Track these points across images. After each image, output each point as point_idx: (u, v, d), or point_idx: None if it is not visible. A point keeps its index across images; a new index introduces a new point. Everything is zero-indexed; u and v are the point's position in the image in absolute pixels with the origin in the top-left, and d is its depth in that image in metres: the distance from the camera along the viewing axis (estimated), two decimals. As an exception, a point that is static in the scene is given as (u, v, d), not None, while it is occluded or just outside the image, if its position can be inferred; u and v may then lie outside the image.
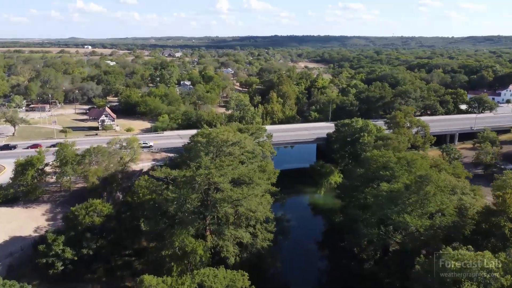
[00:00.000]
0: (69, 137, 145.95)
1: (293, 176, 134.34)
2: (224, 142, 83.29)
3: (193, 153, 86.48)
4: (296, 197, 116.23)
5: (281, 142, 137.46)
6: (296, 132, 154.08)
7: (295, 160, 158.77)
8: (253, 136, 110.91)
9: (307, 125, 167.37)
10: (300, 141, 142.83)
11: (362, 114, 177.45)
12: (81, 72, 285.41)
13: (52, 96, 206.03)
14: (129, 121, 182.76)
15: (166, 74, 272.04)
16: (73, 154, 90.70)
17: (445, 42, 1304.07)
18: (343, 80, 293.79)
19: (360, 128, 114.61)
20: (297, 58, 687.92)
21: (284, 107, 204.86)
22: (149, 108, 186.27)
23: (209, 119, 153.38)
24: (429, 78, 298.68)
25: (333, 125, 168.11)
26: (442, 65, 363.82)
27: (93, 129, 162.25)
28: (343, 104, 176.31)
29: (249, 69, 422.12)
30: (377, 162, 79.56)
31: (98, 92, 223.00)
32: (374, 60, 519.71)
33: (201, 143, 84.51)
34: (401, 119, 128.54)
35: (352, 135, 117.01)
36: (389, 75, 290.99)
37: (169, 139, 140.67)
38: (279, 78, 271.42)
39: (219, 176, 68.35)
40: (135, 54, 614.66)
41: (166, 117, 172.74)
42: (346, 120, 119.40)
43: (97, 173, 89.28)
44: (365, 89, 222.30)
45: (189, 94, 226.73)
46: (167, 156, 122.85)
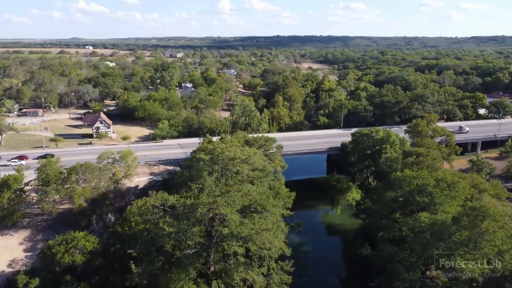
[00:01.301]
0: (60, 146, 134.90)
1: (303, 189, 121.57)
2: (230, 160, 71.33)
3: (195, 171, 74.61)
4: (309, 215, 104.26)
5: (291, 153, 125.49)
6: (306, 141, 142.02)
7: (304, 170, 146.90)
8: (262, 148, 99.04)
9: (317, 133, 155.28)
10: (311, 151, 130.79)
11: (376, 120, 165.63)
12: (78, 74, 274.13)
13: (45, 100, 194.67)
14: (126, 127, 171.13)
15: (167, 76, 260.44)
16: (57, 172, 78.99)
17: (448, 42, 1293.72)
18: (351, 82, 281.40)
19: (381, 139, 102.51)
20: (300, 59, 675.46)
21: (292, 112, 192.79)
22: (148, 113, 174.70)
23: (212, 126, 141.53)
24: (440, 80, 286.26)
25: (345, 132, 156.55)
26: (453, 66, 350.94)
27: (87, 137, 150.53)
28: (355, 109, 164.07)
29: (252, 70, 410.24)
30: (410, 184, 67.61)
31: (95, 96, 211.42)
32: (380, 61, 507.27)
33: (204, 161, 72.54)
34: (424, 127, 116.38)
35: (372, 146, 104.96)
36: (399, 77, 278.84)
37: (169, 148, 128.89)
38: (285, 80, 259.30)
39: (225, 205, 56.52)
40: (136, 55, 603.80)
41: (166, 123, 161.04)
42: (365, 130, 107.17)
43: (84, 194, 77.58)
44: (377, 92, 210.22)
45: (191, 98, 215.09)
46: (166, 169, 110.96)
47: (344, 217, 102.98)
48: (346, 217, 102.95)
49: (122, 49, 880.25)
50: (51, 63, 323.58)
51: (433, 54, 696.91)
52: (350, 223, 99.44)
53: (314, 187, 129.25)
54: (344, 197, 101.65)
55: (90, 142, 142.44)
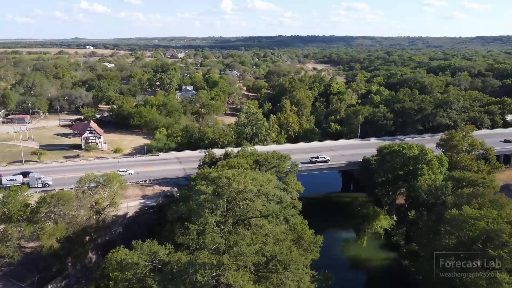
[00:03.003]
0: (43, 160, 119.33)
1: (315, 208, 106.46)
2: (239, 193, 55.54)
3: (194, 205, 58.80)
4: (325, 245, 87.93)
5: (305, 169, 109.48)
6: (320, 154, 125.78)
7: (315, 184, 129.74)
8: (274, 169, 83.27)
9: (332, 143, 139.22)
10: (328, 167, 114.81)
11: (397, 129, 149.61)
12: (73, 76, 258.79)
13: (33, 105, 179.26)
14: (120, 136, 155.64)
15: (166, 78, 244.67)
16: (21, 204, 63.29)
17: (453, 42, 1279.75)
18: (362, 85, 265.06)
19: (415, 157, 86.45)
20: (304, 59, 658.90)
21: (301, 119, 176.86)
22: (144, 121, 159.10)
23: (215, 137, 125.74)
24: (456, 83, 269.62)
25: (363, 143, 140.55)
26: (467, 68, 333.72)
27: (75, 148, 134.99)
28: (373, 116, 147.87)
29: (256, 71, 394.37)
30: (474, 228, 51.59)
31: (88, 100, 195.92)
32: (386, 62, 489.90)
33: (206, 194, 56.67)
34: (460, 141, 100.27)
35: (403, 165, 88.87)
36: (413, 80, 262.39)
37: (166, 164, 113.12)
38: (292, 82, 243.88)
39: (234, 268, 40.76)
40: (136, 55, 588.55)
41: (163, 131, 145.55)
42: (394, 146, 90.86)
43: (55, 233, 61.85)
44: (392, 96, 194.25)
45: (192, 102, 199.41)
46: (161, 190, 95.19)
47: (371, 250, 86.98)
48: (374, 250, 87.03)
49: (123, 50, 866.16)
50: (45, 65, 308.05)
51: (439, 54, 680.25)
52: (381, 259, 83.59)
53: (329, 207, 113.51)
54: (371, 225, 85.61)
55: (77, 155, 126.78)
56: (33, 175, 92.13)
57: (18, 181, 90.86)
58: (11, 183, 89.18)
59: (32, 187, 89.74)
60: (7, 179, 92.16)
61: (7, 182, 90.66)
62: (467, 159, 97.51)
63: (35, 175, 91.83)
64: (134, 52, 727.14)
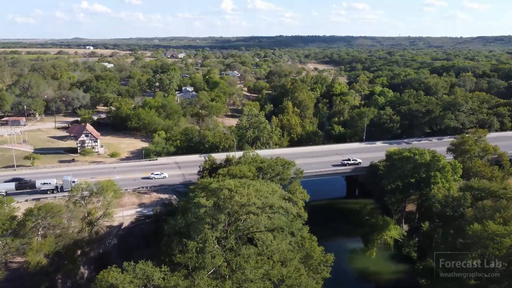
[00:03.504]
0: (37, 165, 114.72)
1: (321, 214, 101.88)
2: (242, 207, 50.89)
3: (193, 218, 54.16)
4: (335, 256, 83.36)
5: (309, 174, 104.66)
6: (325, 158, 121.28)
7: (319, 189, 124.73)
8: (278, 176, 78.57)
9: (337, 147, 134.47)
10: (334, 173, 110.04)
11: (403, 132, 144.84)
12: (71, 76, 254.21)
13: (29, 107, 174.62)
14: (118, 139, 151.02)
15: (166, 79, 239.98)
16: (7, 217, 58.63)
17: (454, 42, 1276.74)
18: (365, 86, 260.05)
19: (427, 163, 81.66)
20: (305, 59, 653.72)
21: (304, 121, 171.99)
22: (143, 123, 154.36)
23: (215, 141, 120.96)
24: (461, 83, 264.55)
25: (369, 147, 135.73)
26: (471, 68, 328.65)
27: (71, 152, 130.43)
28: (379, 119, 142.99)
29: (257, 72, 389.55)
30: (501, 247, 46.86)
31: (86, 102, 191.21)
32: (388, 62, 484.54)
33: (206, 208, 51.99)
34: (473, 146, 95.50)
35: (414, 171, 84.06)
36: (417, 80, 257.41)
37: (164, 169, 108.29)
38: (293, 83, 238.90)
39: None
40: (136, 56, 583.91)
41: (162, 134, 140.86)
42: (405, 152, 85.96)
43: (43, 249, 57.19)
44: (397, 98, 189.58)
45: (192, 103, 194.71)
46: (159, 198, 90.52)
47: (380, 262, 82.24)
48: (384, 262, 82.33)
49: (123, 50, 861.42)
50: (43, 65, 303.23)
51: (441, 54, 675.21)
52: (391, 272, 78.94)
53: (335, 214, 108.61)
54: (380, 236, 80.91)
55: (73, 159, 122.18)
56: (67, 178, 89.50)
57: (52, 184, 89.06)
58: (45, 186, 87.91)
59: (66, 190, 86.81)
60: (41, 182, 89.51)
61: (41, 185, 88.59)
62: (480, 165, 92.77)
63: (68, 179, 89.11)
64: (134, 52, 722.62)
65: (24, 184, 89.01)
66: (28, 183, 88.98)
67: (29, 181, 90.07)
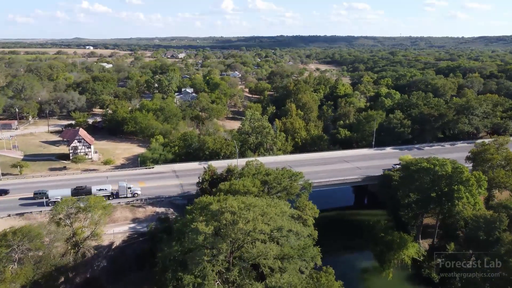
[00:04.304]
0: (25, 173, 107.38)
1: (329, 227, 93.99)
2: (247, 235, 43.49)
3: (190, 244, 46.79)
4: (347, 277, 75.83)
5: (317, 184, 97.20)
6: (333, 166, 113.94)
7: (324, 196, 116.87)
8: (285, 191, 71.17)
9: (344, 153, 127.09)
10: (343, 182, 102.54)
11: (415, 137, 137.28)
12: (67, 78, 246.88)
13: (21, 109, 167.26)
14: (113, 144, 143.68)
15: (165, 80, 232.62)
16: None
17: (455, 42, 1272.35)
18: (370, 87, 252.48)
19: (449, 176, 74.15)
20: (306, 60, 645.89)
21: (309, 124, 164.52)
22: (140, 127, 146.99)
23: (216, 147, 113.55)
24: (468, 85, 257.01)
25: (378, 153, 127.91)
26: (478, 69, 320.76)
27: (63, 158, 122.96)
28: (389, 123, 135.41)
29: (258, 72, 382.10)
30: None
31: (81, 104, 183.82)
32: (392, 62, 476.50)
33: (205, 235, 44.57)
34: (495, 155, 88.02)
35: (433, 184, 76.50)
36: (424, 81, 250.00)
37: (161, 178, 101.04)
38: (296, 84, 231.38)
39: None
40: (135, 56, 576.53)
41: (160, 138, 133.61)
42: (423, 162, 78.34)
43: (18, 279, 49.82)
44: (405, 100, 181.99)
45: (191, 106, 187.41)
46: (155, 212, 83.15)
47: (398, 285, 74.73)
48: (402, 285, 74.76)
49: (123, 49, 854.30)
50: (39, 66, 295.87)
51: (444, 54, 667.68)
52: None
53: (344, 226, 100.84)
54: (397, 256, 73.49)
55: (64, 166, 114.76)
56: (123, 184, 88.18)
57: (108, 190, 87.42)
58: (101, 193, 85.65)
59: (121, 196, 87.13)
60: (97, 188, 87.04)
61: (97, 191, 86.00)
62: (503, 176, 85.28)
63: (124, 185, 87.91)
64: (134, 52, 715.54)
65: (81, 190, 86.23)
66: (84, 189, 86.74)
67: (85, 187, 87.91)
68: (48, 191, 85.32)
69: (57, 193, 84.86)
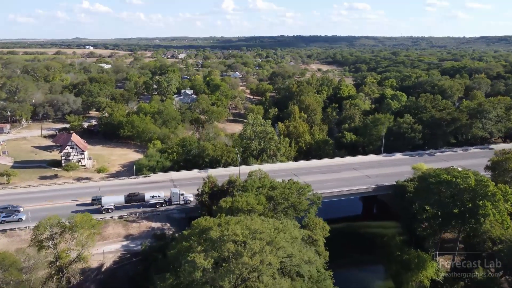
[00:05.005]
0: (13, 182, 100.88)
1: (337, 240, 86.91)
2: (252, 272, 36.84)
3: (186, 280, 40.09)
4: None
5: (325, 195, 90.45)
6: (340, 174, 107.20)
7: (329, 203, 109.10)
8: (293, 207, 64.53)
9: (352, 160, 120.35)
10: (352, 193, 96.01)
11: (426, 143, 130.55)
12: (63, 79, 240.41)
13: (14, 112, 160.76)
14: (109, 149, 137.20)
15: (164, 82, 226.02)
16: None
17: (456, 42, 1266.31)
18: (374, 88, 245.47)
19: (472, 190, 67.47)
20: (307, 60, 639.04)
21: (313, 128, 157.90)
22: (137, 131, 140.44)
23: (216, 155, 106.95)
24: (476, 86, 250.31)
25: (388, 160, 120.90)
26: (484, 69, 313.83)
27: (55, 165, 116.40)
28: (399, 128, 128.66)
29: (260, 73, 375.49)
30: None
31: (77, 107, 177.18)
32: (394, 63, 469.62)
33: (203, 270, 37.90)
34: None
35: (455, 198, 69.77)
36: (429, 82, 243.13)
37: (157, 189, 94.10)
38: (299, 86, 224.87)
39: None
40: (135, 56, 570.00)
41: (158, 144, 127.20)
42: (442, 174, 71.51)
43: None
44: (413, 102, 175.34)
45: (191, 108, 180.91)
46: (150, 227, 76.54)
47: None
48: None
49: (123, 50, 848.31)
50: (36, 66, 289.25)
51: (446, 54, 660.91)
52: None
53: (354, 240, 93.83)
54: (416, 277, 66.86)
55: (55, 174, 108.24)
56: (175, 191, 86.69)
57: (161, 197, 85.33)
58: (154, 200, 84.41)
59: (174, 203, 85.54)
60: (150, 195, 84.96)
61: (150, 198, 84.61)
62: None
63: (177, 191, 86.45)
64: (134, 52, 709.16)
65: (134, 197, 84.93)
66: (138, 196, 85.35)
67: (138, 194, 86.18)
68: (102, 198, 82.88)
69: (110, 200, 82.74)
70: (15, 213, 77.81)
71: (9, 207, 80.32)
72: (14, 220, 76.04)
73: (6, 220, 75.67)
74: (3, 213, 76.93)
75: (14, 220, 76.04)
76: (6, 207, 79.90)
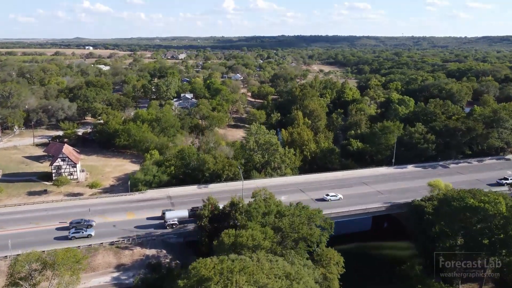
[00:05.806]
0: None
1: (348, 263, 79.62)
2: None
3: None
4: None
5: (334, 215, 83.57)
6: (350, 190, 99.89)
7: None
8: (303, 240, 57.39)
9: (362, 173, 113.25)
10: (364, 212, 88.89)
11: (439, 153, 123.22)
12: (59, 82, 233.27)
13: (5, 119, 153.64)
14: (104, 160, 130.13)
15: (163, 85, 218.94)
16: None
17: (458, 42, 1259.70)
18: (380, 92, 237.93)
19: (504, 216, 60.25)
20: (309, 60, 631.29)
21: (318, 135, 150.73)
22: (133, 140, 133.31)
23: (217, 168, 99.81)
24: (484, 90, 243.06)
25: (400, 173, 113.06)
26: (491, 71, 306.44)
27: (45, 178, 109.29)
28: (410, 138, 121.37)
29: (261, 75, 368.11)
30: None
31: (72, 112, 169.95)
32: (398, 64, 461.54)
33: None
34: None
35: (484, 226, 62.56)
36: (436, 86, 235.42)
37: (153, 207, 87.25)
38: (303, 90, 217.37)
39: None
40: (135, 57, 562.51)
41: (156, 154, 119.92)
42: (468, 199, 64.04)
43: None
44: (422, 108, 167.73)
45: (190, 114, 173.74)
46: (144, 255, 69.39)
47: None
48: None
49: (123, 50, 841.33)
50: (31, 69, 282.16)
51: (448, 55, 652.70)
52: None
53: (365, 262, 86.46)
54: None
55: (45, 190, 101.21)
56: None
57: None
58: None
59: None
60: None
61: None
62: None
63: None
64: (134, 52, 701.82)
65: (197, 211, 77.78)
66: None
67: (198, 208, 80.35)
68: (166, 212, 79.11)
69: (174, 215, 79.17)
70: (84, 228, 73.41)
71: (83, 221, 75.85)
72: (84, 236, 71.84)
73: (76, 236, 71.55)
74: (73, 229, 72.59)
75: (84, 236, 71.84)
76: (80, 222, 75.27)
